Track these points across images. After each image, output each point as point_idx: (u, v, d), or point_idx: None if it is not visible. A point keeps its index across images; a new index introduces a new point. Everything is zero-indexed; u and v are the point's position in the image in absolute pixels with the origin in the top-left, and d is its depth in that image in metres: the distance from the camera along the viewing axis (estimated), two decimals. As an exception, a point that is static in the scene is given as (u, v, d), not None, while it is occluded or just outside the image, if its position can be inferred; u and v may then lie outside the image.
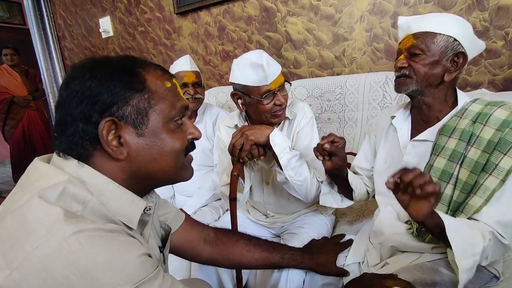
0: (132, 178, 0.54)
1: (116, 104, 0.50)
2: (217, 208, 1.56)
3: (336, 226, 1.34)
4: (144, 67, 0.55)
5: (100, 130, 0.49)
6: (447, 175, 0.81)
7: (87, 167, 0.51)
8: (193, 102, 1.54)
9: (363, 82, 1.54)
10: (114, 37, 2.70)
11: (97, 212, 0.48)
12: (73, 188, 0.47)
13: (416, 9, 1.50)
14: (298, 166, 1.03)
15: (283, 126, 1.19)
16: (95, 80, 0.50)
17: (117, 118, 0.50)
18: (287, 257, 0.91)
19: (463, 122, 0.81)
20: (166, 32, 2.37)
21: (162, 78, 0.56)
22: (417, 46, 0.84)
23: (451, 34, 0.81)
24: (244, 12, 1.98)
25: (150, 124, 0.53)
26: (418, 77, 0.85)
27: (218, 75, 2.22)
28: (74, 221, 0.42)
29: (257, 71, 1.03)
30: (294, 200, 1.19)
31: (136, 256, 0.45)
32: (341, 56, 1.74)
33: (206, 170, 1.66)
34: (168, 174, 0.57)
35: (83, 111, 0.49)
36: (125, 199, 0.53)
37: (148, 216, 0.58)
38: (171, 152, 0.56)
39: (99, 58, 0.55)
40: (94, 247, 0.42)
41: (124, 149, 0.52)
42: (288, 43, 1.87)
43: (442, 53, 0.83)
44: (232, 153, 1.02)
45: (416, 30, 0.85)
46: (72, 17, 2.97)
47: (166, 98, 0.55)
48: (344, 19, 1.68)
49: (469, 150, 0.78)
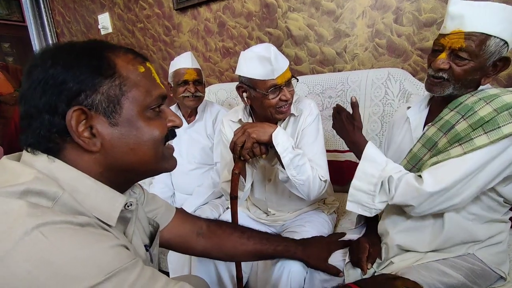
0: (109, 171, 0.51)
1: (83, 92, 0.46)
2: (217, 206, 1.55)
3: (338, 225, 1.33)
4: (113, 51, 0.51)
5: (67, 120, 0.46)
6: (431, 142, 0.82)
7: (58, 162, 0.48)
8: (193, 100, 1.52)
9: (365, 78, 1.52)
10: (113, 34, 2.68)
11: (69, 208, 0.45)
12: (40, 185, 0.43)
13: (419, 4, 1.47)
14: (300, 165, 1.02)
15: (288, 123, 1.18)
16: (58, 67, 0.46)
17: (86, 107, 0.47)
18: (280, 248, 0.91)
19: (471, 99, 0.79)
20: (165, 29, 2.34)
21: (134, 62, 0.52)
22: (466, 50, 0.75)
23: (503, 36, 0.73)
24: (244, 8, 1.95)
25: (124, 112, 0.49)
26: (457, 82, 0.79)
27: (218, 72, 2.20)
28: (39, 213, 0.39)
29: (264, 64, 1.01)
30: (296, 197, 1.18)
31: (108, 247, 0.42)
32: (342, 52, 1.72)
33: (206, 168, 1.65)
34: (147, 165, 0.54)
35: (48, 102, 0.46)
36: (103, 195, 0.50)
37: (130, 212, 0.55)
38: (149, 141, 0.52)
39: (62, 43, 0.51)
40: (59, 238, 0.39)
41: (97, 140, 0.48)
42: (289, 39, 1.85)
43: (489, 59, 0.75)
44: (233, 151, 1.01)
45: (470, 29, 0.73)
46: (70, 14, 2.95)
47: (139, 84, 0.51)
48: (345, 14, 1.66)
49: (460, 122, 0.77)
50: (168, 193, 1.69)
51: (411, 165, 0.87)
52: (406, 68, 1.54)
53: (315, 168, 1.07)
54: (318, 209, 1.28)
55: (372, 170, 0.85)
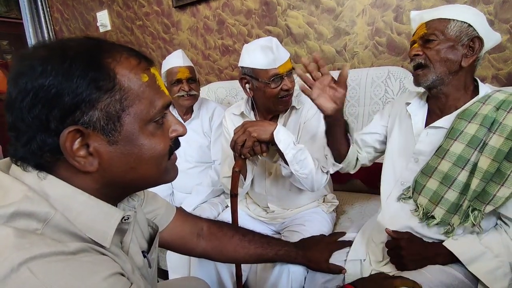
0: (106, 187, 0.47)
1: (79, 108, 0.41)
2: (216, 204, 1.55)
3: (337, 224, 1.33)
4: (113, 56, 0.44)
5: (62, 142, 0.40)
6: (463, 160, 0.80)
7: (50, 177, 0.43)
8: (188, 99, 1.50)
9: (365, 77, 1.51)
10: (112, 31, 2.66)
11: (61, 229, 0.41)
12: (31, 206, 0.39)
13: (419, 2, 1.47)
14: (302, 159, 1.02)
15: (289, 115, 1.19)
16: (49, 77, 0.39)
17: (82, 126, 0.41)
18: (281, 253, 0.90)
19: (485, 108, 0.80)
20: (164, 26, 2.33)
21: (137, 69, 0.45)
22: (431, 33, 0.83)
23: (464, 19, 0.81)
24: (244, 5, 1.95)
25: (125, 129, 0.44)
26: (435, 65, 0.83)
27: (218, 70, 2.19)
28: (27, 245, 0.36)
29: (266, 53, 1.05)
30: (296, 191, 1.20)
31: (102, 279, 0.38)
32: (342, 51, 1.71)
33: (204, 166, 1.64)
34: (149, 180, 0.50)
35: (38, 117, 0.40)
36: (98, 212, 0.46)
37: (127, 224, 0.51)
38: (152, 158, 0.47)
39: (53, 43, 0.44)
40: (49, 275, 0.35)
41: (94, 160, 0.43)
42: (289, 37, 1.85)
43: (457, 38, 0.81)
44: (234, 149, 1.01)
45: (429, 18, 0.84)
46: (69, 11, 2.93)
47: (142, 96, 0.45)
48: (345, 12, 1.65)
49: (491, 137, 0.77)
50: (167, 191, 1.68)
51: (456, 192, 0.82)
52: (406, 67, 1.53)
53: (317, 160, 1.07)
54: (318, 208, 1.27)
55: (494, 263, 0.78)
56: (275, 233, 1.31)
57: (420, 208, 0.87)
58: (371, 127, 1.10)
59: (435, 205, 0.84)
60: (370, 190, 1.57)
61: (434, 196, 0.84)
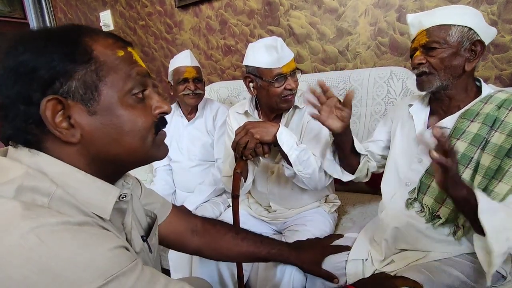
0: (95, 163, 0.49)
1: (57, 80, 0.44)
2: (218, 204, 1.55)
3: (339, 224, 1.33)
4: (91, 36, 0.48)
5: (42, 110, 0.43)
6: (466, 159, 0.81)
7: (43, 155, 0.46)
8: (194, 97, 1.53)
9: (367, 77, 1.51)
10: (115, 31, 2.67)
11: (66, 202, 0.44)
12: (33, 181, 0.42)
13: (422, 2, 1.46)
14: (305, 159, 1.03)
15: (292, 114, 1.19)
16: (28, 53, 0.43)
17: (61, 96, 0.44)
18: (274, 252, 0.90)
19: (487, 107, 0.80)
20: (167, 26, 2.34)
21: (113, 46, 0.49)
22: (433, 41, 0.82)
23: (465, 24, 0.81)
24: (246, 5, 1.95)
25: (103, 99, 0.46)
26: (440, 72, 0.84)
27: (220, 70, 2.20)
28: (34, 215, 0.38)
29: (270, 52, 1.06)
30: (298, 190, 1.20)
31: (107, 249, 0.41)
32: (344, 51, 1.71)
33: (206, 165, 1.65)
34: (135, 155, 0.51)
35: (20, 91, 0.43)
36: (95, 188, 0.48)
37: (125, 203, 0.54)
38: (133, 131, 0.49)
39: (37, 29, 0.49)
40: (57, 241, 0.37)
41: (76, 131, 0.46)
42: (291, 38, 1.85)
43: (459, 44, 0.82)
44: (235, 151, 1.01)
45: (429, 25, 0.83)
46: (72, 11, 2.95)
47: (118, 68, 0.48)
48: (348, 12, 1.65)
49: (493, 135, 0.78)
50: (169, 190, 1.69)
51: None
52: (409, 67, 1.52)
53: (320, 160, 1.08)
54: (319, 208, 1.27)
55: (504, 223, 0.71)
56: (277, 233, 1.31)
57: (426, 208, 0.86)
58: (376, 135, 1.12)
59: (441, 205, 0.84)
60: (372, 190, 1.57)
61: (439, 195, 0.85)
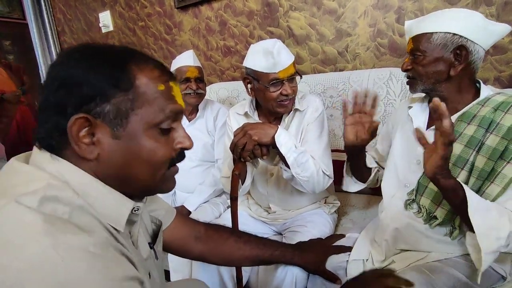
0: (105, 180, 0.50)
1: (95, 99, 0.46)
2: (218, 204, 1.56)
3: (339, 225, 1.33)
4: (139, 64, 0.49)
5: (69, 125, 0.45)
6: (462, 161, 0.81)
7: (64, 162, 0.47)
8: (195, 97, 1.54)
9: (367, 78, 1.51)
10: (114, 32, 2.67)
11: (86, 212, 0.44)
12: (56, 190, 0.43)
13: (421, 3, 1.47)
14: (304, 162, 1.02)
15: (293, 117, 1.19)
16: (79, 69, 0.46)
17: (93, 116, 0.46)
18: (277, 253, 0.90)
19: (484, 110, 0.81)
20: (166, 27, 2.34)
21: (156, 80, 0.50)
22: (416, 49, 0.86)
23: (448, 30, 0.82)
24: (246, 6, 1.95)
25: (129, 127, 0.48)
26: (422, 78, 0.87)
27: (219, 70, 2.20)
28: (55, 230, 0.39)
29: (267, 57, 1.05)
30: (298, 192, 1.19)
31: (121, 278, 0.41)
32: (344, 52, 1.71)
33: (207, 165, 1.65)
34: (143, 184, 0.52)
35: (59, 101, 0.46)
36: (111, 199, 0.49)
37: (136, 216, 0.55)
38: (149, 161, 0.50)
39: (94, 45, 0.50)
40: (76, 261, 0.38)
41: (96, 149, 0.47)
42: (290, 39, 1.85)
43: (443, 50, 0.83)
44: (233, 152, 1.01)
45: (415, 33, 0.87)
46: (71, 12, 2.94)
47: (154, 102, 0.49)
48: (347, 14, 1.65)
49: (488, 137, 0.78)
50: (168, 191, 1.69)
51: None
52: (408, 68, 1.53)
53: (318, 163, 1.07)
54: (319, 209, 1.28)
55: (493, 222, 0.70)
56: (276, 234, 1.31)
57: (423, 209, 0.87)
58: (379, 142, 1.14)
59: (437, 206, 0.85)
60: (371, 191, 1.57)
61: (436, 196, 0.85)
